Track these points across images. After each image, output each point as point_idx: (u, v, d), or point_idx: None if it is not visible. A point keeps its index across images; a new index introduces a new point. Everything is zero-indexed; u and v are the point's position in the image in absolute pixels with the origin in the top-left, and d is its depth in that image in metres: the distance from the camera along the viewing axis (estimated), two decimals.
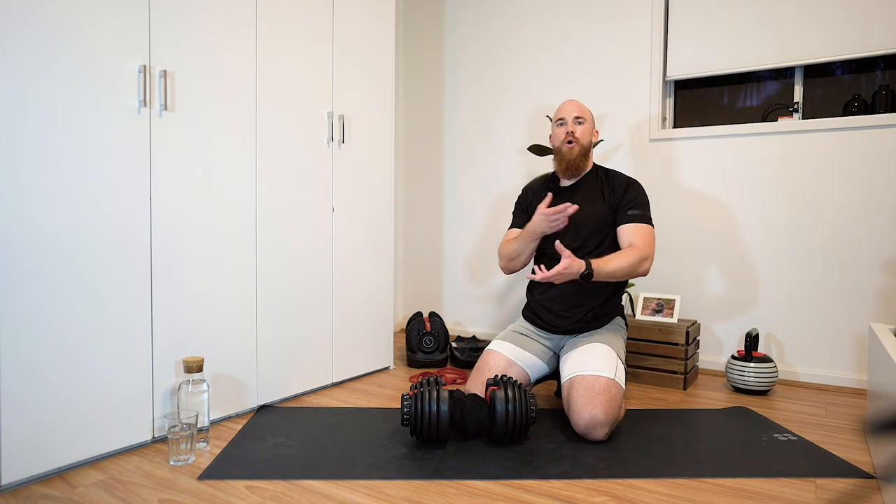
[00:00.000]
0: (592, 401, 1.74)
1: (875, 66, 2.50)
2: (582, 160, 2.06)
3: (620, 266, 1.87)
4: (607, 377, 1.78)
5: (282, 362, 2.15)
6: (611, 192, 2.04)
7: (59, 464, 1.54)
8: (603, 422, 1.73)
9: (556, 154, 2.10)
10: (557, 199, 2.08)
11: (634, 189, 2.05)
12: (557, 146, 2.09)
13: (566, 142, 2.05)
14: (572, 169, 2.06)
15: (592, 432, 1.74)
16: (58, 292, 1.51)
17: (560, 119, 2.07)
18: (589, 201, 2.04)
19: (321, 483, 1.51)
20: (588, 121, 2.08)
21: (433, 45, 3.49)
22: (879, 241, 2.37)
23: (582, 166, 2.07)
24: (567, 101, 2.10)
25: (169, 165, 1.75)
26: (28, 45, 1.43)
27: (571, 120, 2.05)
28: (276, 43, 2.07)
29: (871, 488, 1.50)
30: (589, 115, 2.09)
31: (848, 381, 2.43)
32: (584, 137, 2.05)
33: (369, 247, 2.52)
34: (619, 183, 2.06)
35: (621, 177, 2.09)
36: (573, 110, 2.06)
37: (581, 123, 2.06)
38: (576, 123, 2.05)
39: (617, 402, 1.77)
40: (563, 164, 2.06)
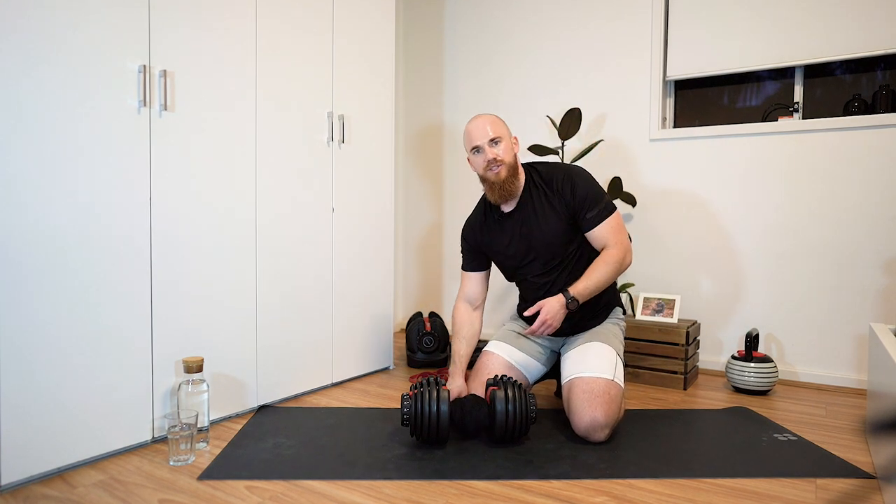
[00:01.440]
0: (592, 403, 1.74)
1: (875, 66, 2.50)
2: (513, 181, 1.90)
3: (603, 276, 1.84)
4: (606, 378, 1.78)
5: (282, 362, 2.15)
6: (558, 198, 1.90)
7: (58, 464, 1.54)
8: (603, 424, 1.72)
9: (485, 183, 1.93)
10: (507, 227, 1.97)
11: (579, 185, 1.89)
12: (482, 175, 1.92)
13: (489, 169, 1.88)
14: (506, 194, 1.90)
15: (593, 434, 1.74)
16: (57, 292, 1.51)
17: (475, 148, 1.89)
18: (541, 220, 1.92)
19: (321, 483, 1.51)
20: (504, 136, 1.89)
21: (433, 45, 3.49)
22: (880, 241, 2.37)
23: (515, 186, 1.91)
24: (474, 124, 1.90)
25: (169, 165, 1.75)
26: (27, 44, 1.43)
27: (486, 145, 1.87)
28: (276, 43, 2.07)
29: (871, 488, 1.50)
30: (502, 128, 1.90)
31: (848, 381, 2.43)
32: (507, 156, 1.88)
33: (369, 247, 2.52)
34: (560, 183, 1.91)
35: (558, 174, 1.93)
36: (484, 134, 1.87)
37: (498, 143, 1.87)
38: (492, 146, 1.87)
39: (617, 404, 1.77)
40: (495, 192, 1.90)
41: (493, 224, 2.01)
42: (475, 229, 2.07)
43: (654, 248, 2.82)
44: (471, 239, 2.08)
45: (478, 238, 2.05)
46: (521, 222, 1.95)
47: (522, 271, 2.00)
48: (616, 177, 2.68)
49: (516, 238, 1.96)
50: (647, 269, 2.84)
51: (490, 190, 1.92)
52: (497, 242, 2.01)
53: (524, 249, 1.95)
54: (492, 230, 2.02)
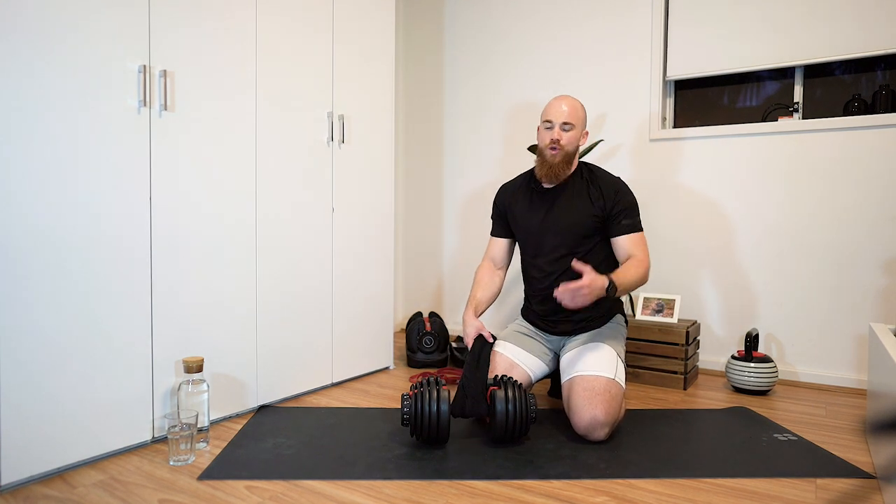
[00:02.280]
0: (592, 401, 1.74)
1: (875, 66, 2.50)
2: (564, 167, 1.96)
3: (635, 279, 1.85)
4: (607, 377, 1.78)
5: (282, 362, 2.15)
6: (599, 195, 1.96)
7: (58, 464, 1.54)
8: (603, 422, 1.73)
9: (539, 155, 1.99)
10: (538, 200, 2.03)
11: (624, 194, 1.97)
12: (541, 148, 1.98)
13: (549, 147, 1.93)
14: (552, 175, 1.96)
15: (593, 433, 1.74)
16: (57, 292, 1.51)
17: (547, 121, 1.94)
18: (573, 205, 1.97)
19: (321, 483, 1.51)
20: (577, 126, 1.94)
21: (433, 45, 3.49)
22: (880, 241, 2.37)
23: (563, 173, 1.96)
24: (557, 100, 1.95)
25: (169, 165, 1.75)
26: (26, 44, 1.43)
27: (559, 125, 1.92)
28: (276, 43, 2.07)
29: (871, 488, 1.50)
30: (580, 117, 1.95)
31: (848, 381, 2.43)
32: (569, 144, 1.93)
33: (369, 247, 2.52)
34: (608, 186, 1.97)
35: (607, 178, 2.00)
36: (562, 115, 1.92)
37: (568, 130, 1.92)
38: (563, 130, 1.92)
39: (617, 402, 1.77)
40: (544, 168, 1.96)
41: (526, 193, 2.07)
42: (508, 193, 2.13)
43: (654, 249, 2.82)
44: (500, 202, 2.15)
45: (507, 202, 2.11)
46: (552, 202, 2.00)
47: (534, 250, 2.04)
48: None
49: (542, 214, 2.00)
50: None
51: (540, 165, 1.97)
52: (523, 211, 2.06)
53: (545, 228, 1.99)
54: (523, 199, 2.06)
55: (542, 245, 2.01)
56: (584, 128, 1.98)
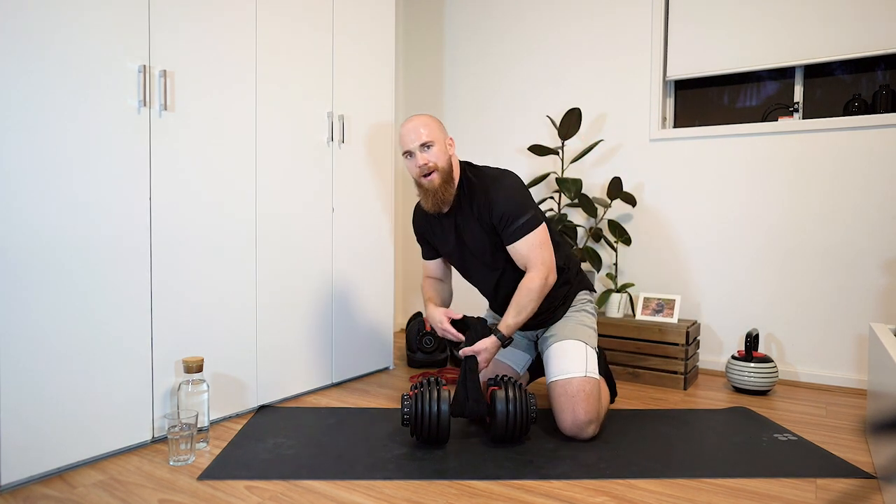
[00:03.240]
0: (570, 403, 1.77)
1: (875, 66, 2.49)
2: (447, 188, 1.81)
3: (529, 306, 1.78)
4: (580, 377, 1.79)
5: (282, 362, 2.15)
6: (479, 210, 1.82)
7: (58, 464, 1.54)
8: (585, 421, 1.75)
9: (419, 189, 1.86)
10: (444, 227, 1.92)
11: (500, 200, 1.79)
12: (417, 181, 1.85)
13: (422, 175, 1.80)
14: (438, 203, 1.82)
15: (580, 433, 1.77)
16: (57, 292, 1.51)
17: (407, 152, 1.82)
18: (470, 230, 1.86)
19: (321, 483, 1.51)
20: (437, 139, 1.80)
21: (433, 45, 3.49)
22: (880, 241, 2.37)
23: (447, 194, 1.82)
24: (406, 127, 1.82)
25: (169, 165, 1.75)
26: (26, 44, 1.43)
27: (418, 150, 1.79)
28: (277, 43, 2.07)
29: (871, 488, 1.50)
30: (436, 131, 1.81)
31: (848, 381, 2.43)
32: (440, 160, 1.79)
33: (369, 247, 2.52)
34: (481, 196, 1.82)
35: (482, 185, 1.84)
36: (415, 138, 1.79)
37: (430, 147, 1.79)
38: (424, 151, 1.79)
39: (595, 398, 1.78)
40: (429, 200, 1.83)
41: (434, 220, 1.96)
42: (420, 218, 2.03)
43: (654, 248, 2.82)
44: (418, 228, 2.06)
45: (423, 229, 2.03)
46: (454, 227, 1.90)
47: (463, 271, 2.00)
48: (616, 177, 2.68)
49: (452, 242, 1.93)
50: (647, 269, 2.84)
51: (424, 197, 1.85)
52: (439, 239, 1.98)
53: (461, 254, 1.93)
54: (433, 226, 1.97)
55: (467, 268, 1.97)
56: (445, 137, 1.85)
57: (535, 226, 1.80)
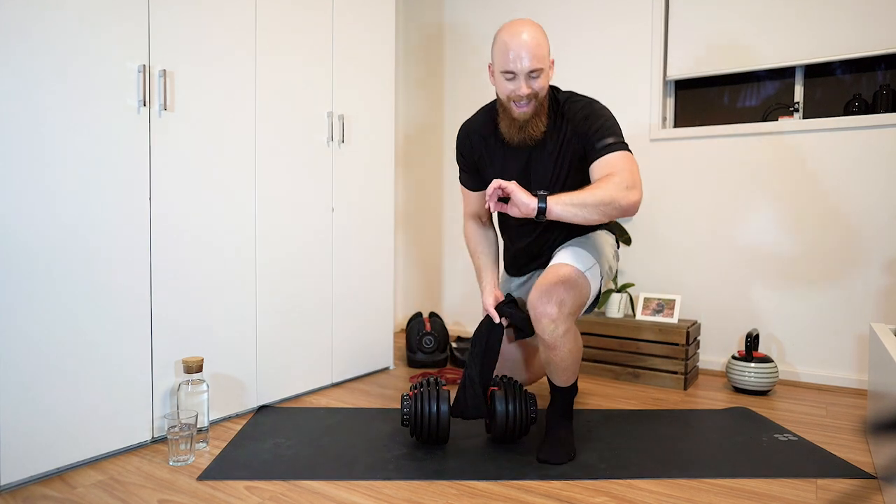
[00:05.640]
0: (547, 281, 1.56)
1: (876, 66, 2.49)
2: (538, 121, 1.58)
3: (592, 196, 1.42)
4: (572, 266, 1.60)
5: (281, 362, 2.15)
6: (570, 127, 1.60)
7: (58, 464, 1.53)
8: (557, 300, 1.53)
9: (502, 110, 1.63)
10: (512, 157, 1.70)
11: (596, 115, 1.58)
12: (503, 102, 1.61)
13: (517, 103, 1.57)
14: (526, 137, 1.60)
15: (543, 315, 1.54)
16: (57, 292, 1.51)
17: (508, 72, 1.55)
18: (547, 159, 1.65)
19: (321, 483, 1.51)
20: (546, 65, 1.53)
21: (433, 44, 3.49)
22: (880, 241, 2.37)
23: (538, 129, 1.59)
24: (516, 42, 1.52)
25: (168, 165, 1.75)
26: (26, 44, 1.43)
27: (524, 76, 1.54)
28: (276, 42, 2.07)
29: (871, 489, 1.50)
30: (546, 52, 1.54)
31: (848, 381, 2.42)
32: (544, 89, 1.56)
33: (369, 247, 2.52)
34: (577, 116, 1.59)
35: (577, 106, 1.61)
36: (526, 61, 1.51)
37: (538, 76, 1.53)
38: (530, 80, 1.54)
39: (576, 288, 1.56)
40: (514, 130, 1.60)
41: (495, 145, 1.72)
42: (473, 143, 1.77)
43: (655, 248, 2.82)
44: (466, 153, 1.80)
45: (474, 154, 1.77)
46: (527, 155, 1.67)
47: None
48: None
49: (515, 171, 1.70)
50: (648, 269, 2.84)
51: (509, 125, 1.61)
52: (494, 166, 1.75)
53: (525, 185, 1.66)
54: (493, 152, 1.73)
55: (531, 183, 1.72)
56: (550, 61, 1.58)
57: (625, 147, 1.55)
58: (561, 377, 1.69)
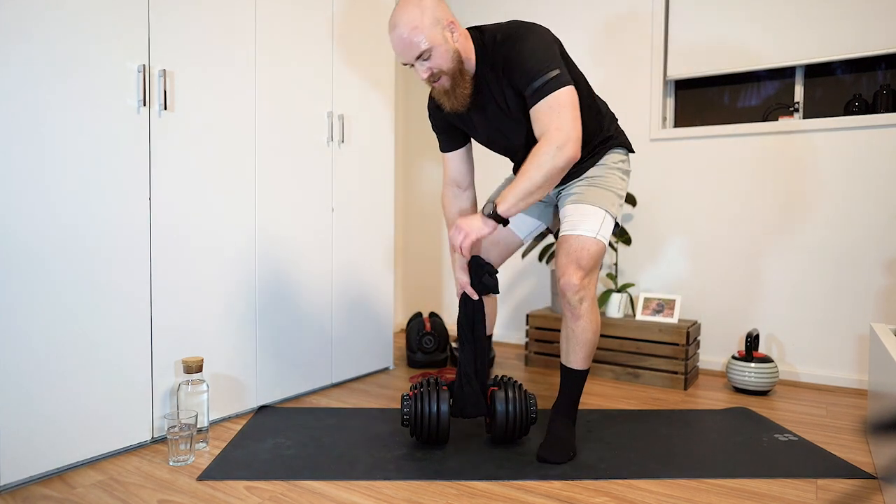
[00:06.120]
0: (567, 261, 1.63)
1: (876, 66, 2.49)
2: (460, 83, 1.55)
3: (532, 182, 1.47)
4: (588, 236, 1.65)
5: (281, 362, 2.15)
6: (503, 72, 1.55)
7: (58, 464, 1.53)
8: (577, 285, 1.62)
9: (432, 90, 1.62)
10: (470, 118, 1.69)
11: (519, 57, 1.50)
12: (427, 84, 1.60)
13: (429, 82, 1.56)
14: (457, 99, 1.58)
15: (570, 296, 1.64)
16: (57, 292, 1.51)
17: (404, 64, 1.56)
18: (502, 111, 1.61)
19: (321, 483, 1.51)
20: (434, 40, 1.48)
21: None
22: (880, 241, 2.37)
23: (464, 89, 1.56)
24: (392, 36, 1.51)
25: (168, 165, 1.75)
26: (26, 44, 1.43)
27: (416, 63, 1.53)
28: (276, 42, 2.07)
29: (871, 489, 1.50)
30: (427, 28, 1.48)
31: (849, 381, 2.42)
32: (445, 62, 1.51)
33: (369, 247, 2.52)
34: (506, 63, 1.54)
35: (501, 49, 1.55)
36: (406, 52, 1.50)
37: (428, 56, 1.50)
38: (422, 62, 1.52)
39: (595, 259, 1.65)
40: (445, 102, 1.59)
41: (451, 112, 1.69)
42: (435, 111, 1.76)
43: (655, 249, 2.82)
44: (437, 118, 1.78)
45: (443, 117, 1.75)
46: (483, 110, 1.64)
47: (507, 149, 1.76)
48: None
49: (483, 129, 1.70)
50: (647, 269, 2.84)
51: (438, 98, 1.61)
52: (466, 125, 1.74)
53: (497, 136, 1.70)
54: (455, 116, 1.72)
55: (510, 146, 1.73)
56: (443, 27, 1.50)
57: (560, 84, 1.49)
58: (580, 354, 1.69)
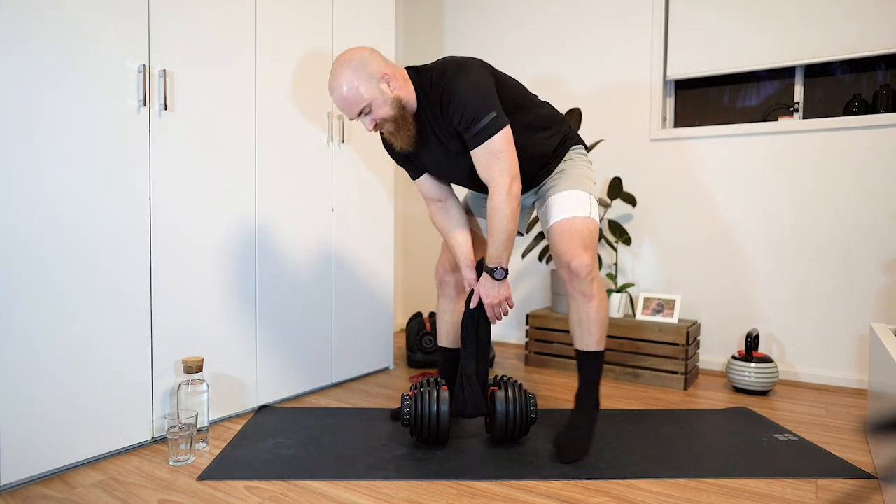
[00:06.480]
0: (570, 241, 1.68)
1: (876, 66, 2.49)
2: (404, 125, 1.60)
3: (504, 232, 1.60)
4: (583, 216, 1.70)
5: (281, 362, 2.15)
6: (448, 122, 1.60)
7: (58, 464, 1.53)
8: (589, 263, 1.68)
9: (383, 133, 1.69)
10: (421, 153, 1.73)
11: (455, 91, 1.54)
12: None
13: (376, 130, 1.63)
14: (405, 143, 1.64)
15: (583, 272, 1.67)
16: (57, 292, 1.51)
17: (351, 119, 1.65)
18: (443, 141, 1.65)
19: (321, 483, 1.51)
20: (370, 97, 1.54)
21: (433, 45, 3.49)
22: (880, 241, 2.37)
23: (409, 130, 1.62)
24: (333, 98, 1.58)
25: (168, 165, 1.75)
26: (27, 44, 1.43)
27: (360, 119, 1.60)
28: (276, 42, 2.07)
29: (871, 489, 1.50)
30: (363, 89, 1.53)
31: (849, 381, 2.42)
32: (385, 111, 1.56)
33: (369, 247, 2.52)
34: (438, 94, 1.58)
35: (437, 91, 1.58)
36: (347, 111, 1.58)
37: (369, 112, 1.57)
38: (365, 116, 1.58)
39: (595, 239, 1.73)
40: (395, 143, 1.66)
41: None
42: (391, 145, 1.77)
43: (655, 248, 2.82)
44: (393, 153, 1.82)
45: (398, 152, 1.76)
46: (427, 145, 1.69)
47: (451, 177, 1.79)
48: (616, 177, 2.68)
49: (429, 160, 1.74)
50: (647, 269, 2.84)
51: (389, 140, 1.67)
52: (416, 158, 1.78)
53: (442, 168, 1.75)
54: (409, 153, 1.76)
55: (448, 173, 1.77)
56: (378, 82, 1.55)
57: (494, 130, 1.55)
58: (595, 334, 1.72)
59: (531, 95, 1.80)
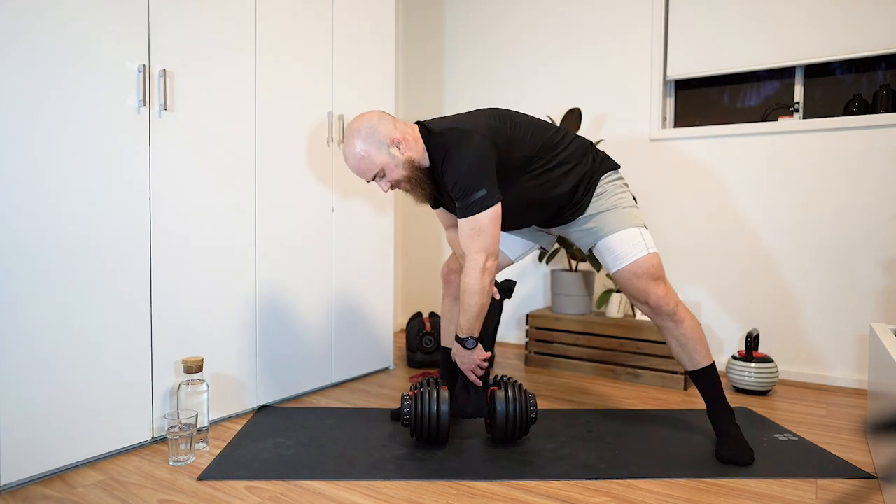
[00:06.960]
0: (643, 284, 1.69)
1: (876, 66, 2.49)
2: (419, 184, 1.68)
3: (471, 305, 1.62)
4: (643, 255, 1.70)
5: (281, 362, 2.15)
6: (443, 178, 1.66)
7: (58, 464, 1.53)
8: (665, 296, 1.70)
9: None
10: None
11: (450, 171, 1.60)
12: None
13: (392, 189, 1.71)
14: (423, 196, 1.73)
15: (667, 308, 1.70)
16: (57, 292, 1.51)
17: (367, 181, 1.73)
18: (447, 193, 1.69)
19: (321, 483, 1.51)
20: (383, 163, 1.62)
21: (433, 45, 3.49)
22: (880, 241, 2.37)
23: (423, 189, 1.70)
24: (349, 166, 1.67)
25: (168, 165, 1.75)
26: (27, 44, 1.43)
27: (376, 181, 1.69)
28: (276, 43, 2.07)
29: (871, 489, 1.50)
30: (374, 156, 1.61)
31: (849, 381, 2.42)
32: (398, 173, 1.64)
33: (369, 246, 2.52)
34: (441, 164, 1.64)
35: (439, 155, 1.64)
36: (363, 176, 1.67)
37: (383, 176, 1.65)
38: (380, 180, 1.67)
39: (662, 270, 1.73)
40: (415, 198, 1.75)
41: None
42: None
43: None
44: None
45: None
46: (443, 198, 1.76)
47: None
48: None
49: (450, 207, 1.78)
50: None
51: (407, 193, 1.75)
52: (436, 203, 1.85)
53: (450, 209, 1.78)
54: None
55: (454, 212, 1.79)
56: (388, 149, 1.62)
57: (481, 208, 1.57)
58: (700, 351, 1.74)
59: (550, 137, 1.73)
